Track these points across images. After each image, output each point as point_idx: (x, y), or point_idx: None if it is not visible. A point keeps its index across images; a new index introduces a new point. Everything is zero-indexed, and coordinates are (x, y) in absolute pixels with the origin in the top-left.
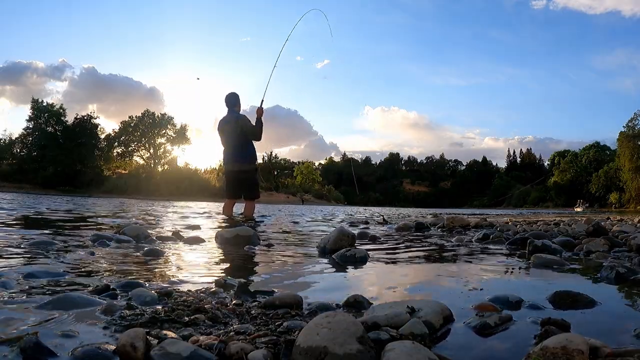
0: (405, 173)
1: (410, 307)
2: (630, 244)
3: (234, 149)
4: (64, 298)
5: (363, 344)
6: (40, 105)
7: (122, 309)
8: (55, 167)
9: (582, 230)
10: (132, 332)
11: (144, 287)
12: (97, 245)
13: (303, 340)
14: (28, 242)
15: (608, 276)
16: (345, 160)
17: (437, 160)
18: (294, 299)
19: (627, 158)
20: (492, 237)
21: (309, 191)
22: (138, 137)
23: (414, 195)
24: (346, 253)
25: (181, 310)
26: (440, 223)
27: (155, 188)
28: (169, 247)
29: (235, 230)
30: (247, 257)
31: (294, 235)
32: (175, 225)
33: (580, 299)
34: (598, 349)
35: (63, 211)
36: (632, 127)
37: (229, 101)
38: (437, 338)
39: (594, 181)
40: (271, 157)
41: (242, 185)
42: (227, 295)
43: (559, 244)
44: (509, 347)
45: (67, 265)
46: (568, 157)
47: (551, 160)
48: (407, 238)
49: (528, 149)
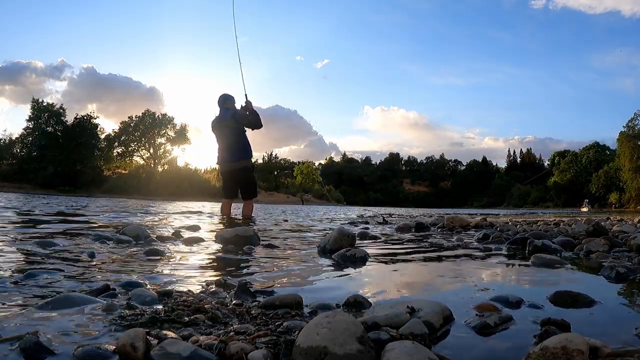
0: (405, 173)
1: (410, 307)
2: (630, 244)
3: (229, 146)
4: (63, 298)
5: (363, 344)
6: (40, 105)
7: (122, 309)
8: (55, 167)
9: (582, 230)
10: (132, 332)
11: (143, 287)
12: (97, 245)
13: (303, 340)
14: (28, 241)
15: (608, 276)
16: (345, 160)
17: (437, 160)
18: (294, 299)
19: (627, 158)
20: (492, 237)
21: (309, 191)
22: (138, 137)
23: (414, 195)
24: (346, 253)
25: (181, 310)
26: (440, 223)
27: (155, 188)
28: (168, 247)
29: (235, 230)
30: (247, 257)
31: (293, 235)
32: (175, 225)
33: (580, 299)
34: (598, 349)
35: (63, 211)
36: (632, 127)
37: (221, 101)
38: (437, 338)
39: (594, 181)
40: (271, 157)
41: (239, 184)
42: (227, 295)
43: (559, 244)
44: (509, 347)
45: (67, 265)
46: (568, 157)
47: (551, 160)
48: (407, 238)
49: (528, 149)
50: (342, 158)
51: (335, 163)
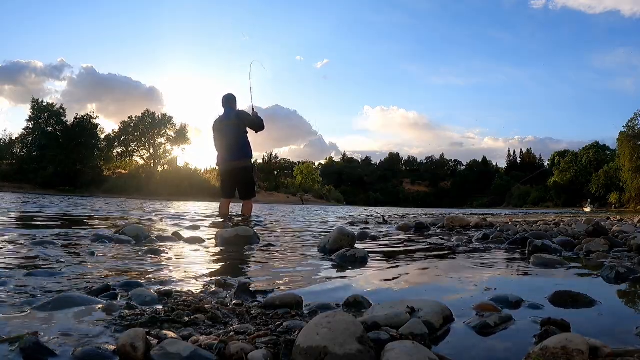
0: (405, 173)
1: (410, 307)
2: (630, 244)
3: (230, 145)
4: (63, 298)
5: (363, 344)
6: (41, 105)
7: (122, 309)
8: (55, 167)
9: (582, 230)
10: (132, 332)
11: (143, 287)
12: (97, 245)
13: (303, 340)
14: (28, 241)
15: (608, 276)
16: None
17: (437, 160)
18: (294, 299)
19: (627, 158)
20: (492, 237)
21: (309, 191)
22: (138, 137)
23: (414, 195)
24: (346, 253)
25: (181, 310)
26: (440, 223)
27: (155, 188)
28: (168, 247)
29: (235, 230)
30: (247, 257)
31: (293, 235)
32: (175, 225)
33: (580, 299)
34: (598, 349)
35: (63, 211)
36: (632, 127)
37: (226, 101)
38: (437, 338)
39: (594, 181)
40: (271, 157)
41: (239, 184)
42: (227, 295)
43: (559, 244)
44: (509, 347)
45: (67, 265)
46: (568, 157)
47: (551, 160)
48: (407, 238)
49: (528, 149)
50: (342, 158)
51: (335, 163)
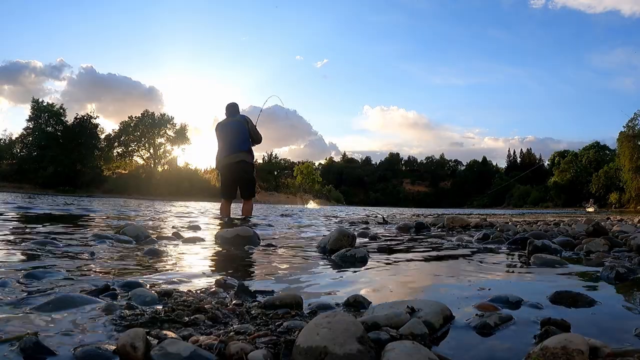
0: (405, 173)
1: (410, 307)
2: (630, 244)
3: (230, 141)
4: (63, 298)
5: (363, 344)
6: (40, 105)
7: (122, 309)
8: (55, 167)
9: (582, 230)
10: (132, 332)
11: (143, 287)
12: (97, 245)
13: (303, 340)
14: (28, 241)
15: (608, 276)
16: (345, 160)
17: (437, 160)
18: (294, 299)
19: (627, 158)
20: (492, 237)
21: (308, 191)
22: (138, 137)
23: (414, 195)
24: (346, 253)
25: (181, 310)
26: (440, 223)
27: (155, 188)
28: (169, 247)
29: (235, 230)
30: (247, 257)
31: (293, 235)
32: (175, 226)
33: (580, 299)
34: (598, 349)
35: (63, 211)
36: (632, 127)
37: (231, 108)
38: (437, 338)
39: (594, 181)
40: (271, 157)
41: (238, 182)
42: (227, 295)
43: (559, 244)
44: (509, 347)
45: (67, 265)
46: (568, 157)
47: (551, 160)
48: (407, 238)
49: (528, 149)
50: (342, 158)
51: (335, 163)
